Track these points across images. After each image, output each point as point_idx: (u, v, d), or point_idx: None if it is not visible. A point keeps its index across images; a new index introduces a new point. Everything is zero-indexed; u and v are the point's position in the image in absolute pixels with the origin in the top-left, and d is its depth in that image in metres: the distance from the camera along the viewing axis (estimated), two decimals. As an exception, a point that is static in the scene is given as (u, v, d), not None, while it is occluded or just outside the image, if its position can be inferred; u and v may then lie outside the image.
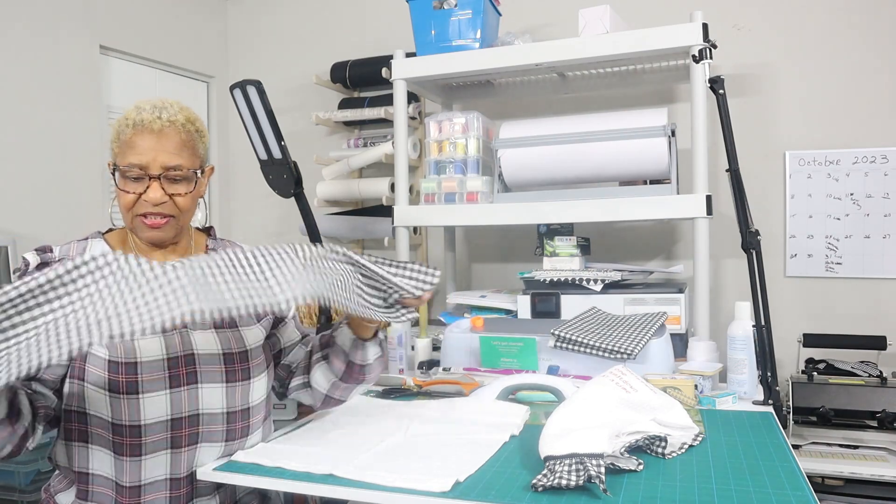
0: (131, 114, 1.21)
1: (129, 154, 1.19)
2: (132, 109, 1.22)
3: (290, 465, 1.13)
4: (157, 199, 1.19)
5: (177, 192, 1.22)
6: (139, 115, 1.20)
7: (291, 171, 2.14)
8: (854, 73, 2.36)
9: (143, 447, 1.15)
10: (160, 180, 1.19)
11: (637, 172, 2.08)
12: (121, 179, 1.19)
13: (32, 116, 2.49)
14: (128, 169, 1.18)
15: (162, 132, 1.19)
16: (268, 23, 3.28)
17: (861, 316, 2.35)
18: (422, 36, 2.25)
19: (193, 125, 1.25)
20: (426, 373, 1.79)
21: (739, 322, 1.63)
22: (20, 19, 2.45)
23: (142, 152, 1.18)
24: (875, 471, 1.88)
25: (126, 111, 1.23)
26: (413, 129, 2.74)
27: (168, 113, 1.21)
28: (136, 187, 1.19)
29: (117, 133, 1.21)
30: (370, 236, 2.85)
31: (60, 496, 1.20)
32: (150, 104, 1.22)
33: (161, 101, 1.24)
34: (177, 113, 1.23)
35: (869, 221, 2.35)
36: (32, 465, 2.00)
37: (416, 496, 1.01)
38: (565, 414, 1.17)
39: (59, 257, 1.20)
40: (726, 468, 1.11)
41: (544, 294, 2.09)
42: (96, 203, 2.71)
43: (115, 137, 1.21)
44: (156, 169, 1.19)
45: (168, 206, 1.21)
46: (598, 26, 2.04)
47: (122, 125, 1.21)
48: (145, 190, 1.19)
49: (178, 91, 3.12)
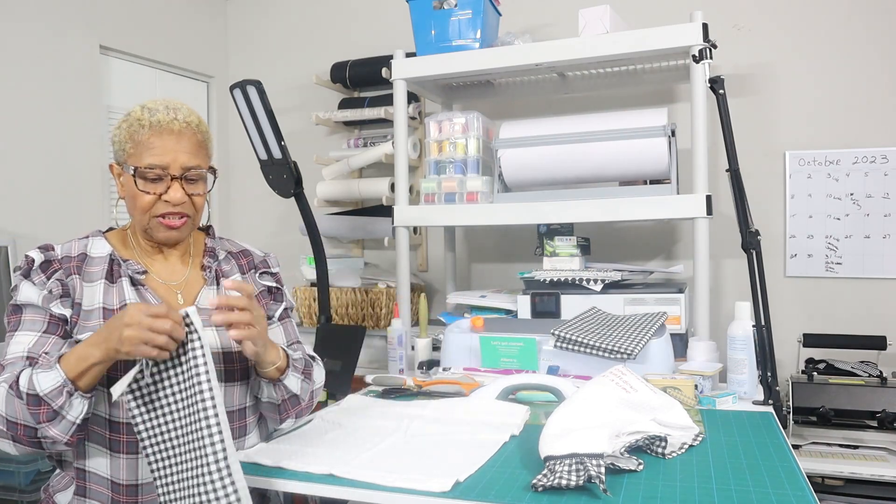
0: (142, 114, 1.20)
1: (148, 155, 1.18)
2: (141, 110, 1.21)
3: (290, 465, 1.14)
4: (179, 199, 1.20)
5: (195, 191, 1.23)
6: (154, 116, 1.19)
7: (291, 171, 2.14)
8: (854, 73, 2.36)
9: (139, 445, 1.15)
10: (180, 180, 1.20)
11: (637, 172, 2.08)
12: (139, 181, 1.19)
13: (32, 116, 2.49)
14: (148, 170, 1.18)
15: (181, 133, 1.20)
16: (268, 23, 3.28)
17: (861, 316, 2.35)
18: (422, 36, 2.25)
19: (204, 126, 1.26)
20: (426, 373, 1.79)
21: (739, 322, 1.63)
22: (20, 19, 2.45)
23: (162, 153, 1.18)
24: (875, 471, 1.88)
25: (132, 112, 1.22)
26: (413, 129, 2.74)
27: (183, 114, 1.22)
28: (156, 188, 1.19)
29: (130, 134, 1.20)
30: (370, 236, 2.85)
31: (59, 496, 1.20)
32: (161, 105, 1.22)
33: (170, 102, 1.23)
34: (190, 114, 1.24)
35: (869, 221, 2.35)
36: (32, 465, 2.00)
37: (415, 496, 1.01)
38: (565, 414, 1.18)
39: (62, 255, 1.21)
40: (726, 468, 1.11)
41: (544, 294, 2.09)
42: (96, 203, 2.71)
43: (128, 138, 1.20)
44: (176, 169, 1.19)
45: (186, 206, 1.22)
46: (598, 26, 2.04)
47: (136, 126, 1.19)
48: (165, 190, 1.19)
49: (178, 91, 3.12)
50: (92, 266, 1.21)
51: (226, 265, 1.35)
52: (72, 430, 1.08)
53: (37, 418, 1.05)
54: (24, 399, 1.05)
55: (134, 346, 1.01)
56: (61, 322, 1.16)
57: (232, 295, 1.14)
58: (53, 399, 1.04)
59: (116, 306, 1.18)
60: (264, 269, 1.40)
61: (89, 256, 1.23)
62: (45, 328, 1.15)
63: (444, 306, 2.63)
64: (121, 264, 1.23)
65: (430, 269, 2.97)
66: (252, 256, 1.41)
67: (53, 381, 1.04)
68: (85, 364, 1.05)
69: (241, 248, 1.41)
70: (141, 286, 1.22)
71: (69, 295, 1.17)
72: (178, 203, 1.20)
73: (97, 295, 1.19)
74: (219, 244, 1.38)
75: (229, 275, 1.34)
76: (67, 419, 1.06)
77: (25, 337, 1.14)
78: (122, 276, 1.22)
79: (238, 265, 1.37)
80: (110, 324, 1.06)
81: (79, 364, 1.05)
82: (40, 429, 1.06)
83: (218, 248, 1.36)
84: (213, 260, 1.33)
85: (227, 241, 1.42)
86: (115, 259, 1.23)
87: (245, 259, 1.39)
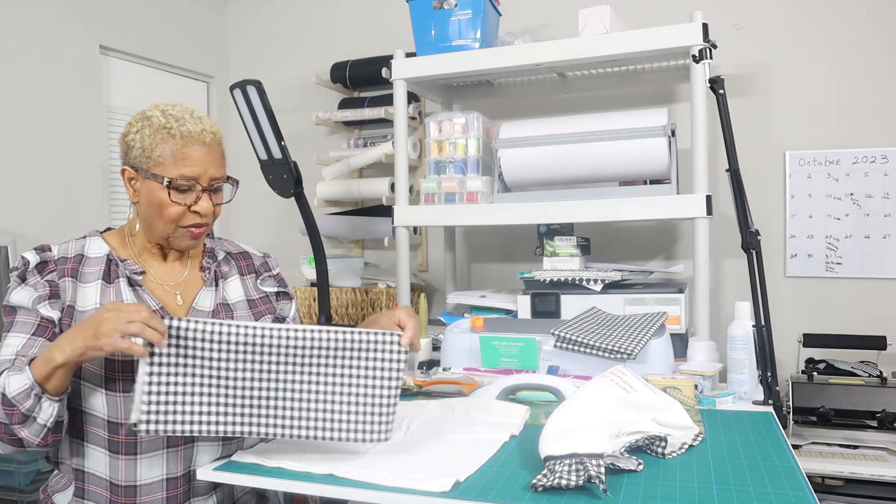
0: (168, 122, 1.18)
1: (182, 166, 1.17)
2: (162, 116, 1.18)
3: (290, 464, 1.13)
4: (208, 209, 1.21)
5: (218, 201, 1.24)
6: (183, 126, 1.18)
7: (291, 171, 2.14)
8: (854, 73, 2.36)
9: (138, 446, 1.15)
10: (210, 192, 1.21)
11: (637, 172, 2.08)
12: (173, 192, 1.18)
13: (32, 116, 2.49)
14: (182, 182, 1.18)
15: (210, 145, 1.21)
16: (268, 23, 3.28)
17: (861, 316, 2.35)
18: (422, 36, 2.25)
19: (222, 134, 1.27)
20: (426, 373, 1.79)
21: (739, 322, 1.63)
22: (20, 19, 2.45)
23: (195, 164, 1.18)
24: (875, 471, 1.88)
25: (152, 117, 1.19)
26: (413, 129, 2.74)
27: (208, 124, 1.22)
28: (186, 199, 1.19)
29: (156, 141, 1.17)
30: (370, 236, 2.85)
31: (58, 496, 1.20)
32: (185, 112, 1.20)
33: (192, 109, 1.22)
34: (213, 124, 1.24)
35: (869, 221, 2.35)
36: (32, 465, 2.00)
37: (415, 496, 1.01)
38: (565, 414, 1.17)
39: (58, 256, 1.21)
40: (726, 468, 1.11)
41: (544, 294, 2.09)
42: (96, 203, 2.71)
43: (153, 145, 1.17)
44: (206, 181, 1.20)
45: (210, 216, 1.23)
46: (598, 26, 2.04)
47: (163, 134, 1.17)
48: (195, 201, 1.19)
49: (178, 91, 3.12)
50: (89, 267, 1.21)
51: (225, 266, 1.35)
52: (43, 432, 1.07)
53: (10, 419, 1.06)
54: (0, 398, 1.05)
55: (111, 338, 1.00)
56: (49, 324, 1.15)
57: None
58: (21, 402, 1.04)
59: (113, 307, 1.18)
60: (266, 273, 1.40)
61: (86, 257, 1.22)
62: (34, 330, 1.15)
63: (444, 306, 2.63)
64: (118, 265, 1.22)
65: (430, 269, 2.97)
66: (252, 259, 1.41)
67: (21, 383, 1.05)
68: (49, 367, 1.04)
69: (240, 250, 1.41)
70: (139, 287, 1.22)
71: (59, 297, 1.17)
72: (206, 214, 1.21)
73: (93, 296, 1.18)
74: (218, 245, 1.38)
75: (228, 276, 1.34)
76: (38, 422, 1.06)
77: (15, 339, 1.14)
78: (120, 277, 1.22)
79: (237, 266, 1.37)
80: (82, 323, 1.06)
81: (44, 366, 1.04)
82: (14, 430, 1.06)
83: (217, 249, 1.36)
84: (213, 261, 1.33)
85: (227, 241, 1.42)
86: (112, 259, 1.23)
87: (245, 261, 1.39)
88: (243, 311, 1.32)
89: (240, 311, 1.31)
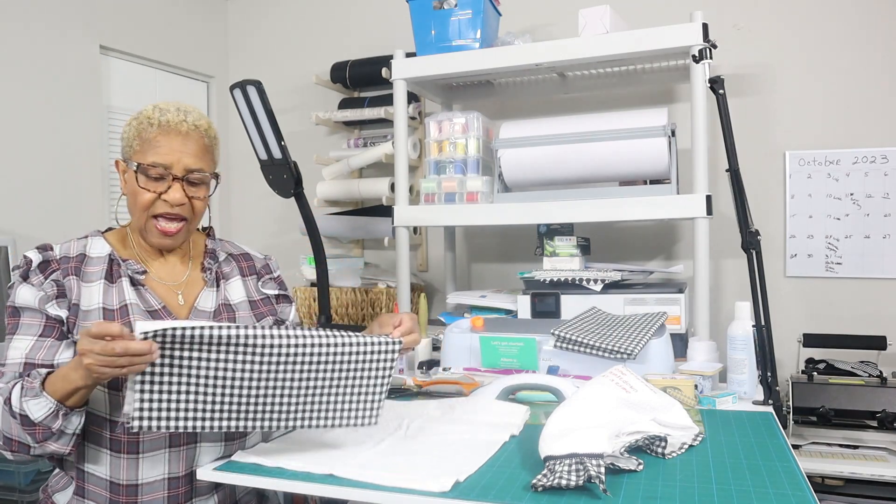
0: (153, 113, 1.20)
1: (152, 153, 1.19)
2: (152, 109, 1.21)
3: (290, 464, 1.13)
4: (177, 199, 1.20)
5: (195, 195, 1.23)
6: (164, 116, 1.20)
7: (291, 171, 2.14)
8: (854, 73, 2.36)
9: (141, 445, 1.15)
10: (182, 182, 1.20)
11: (637, 172, 2.08)
12: (141, 178, 1.19)
13: (33, 116, 2.49)
14: (150, 167, 1.18)
15: (188, 135, 1.21)
16: (268, 23, 3.28)
17: (861, 316, 2.35)
18: (422, 36, 2.25)
19: (213, 131, 1.27)
20: (426, 373, 1.79)
21: (739, 322, 1.63)
22: (20, 19, 2.45)
23: (167, 152, 1.19)
24: (875, 471, 1.88)
25: (144, 111, 1.22)
26: (413, 129, 2.74)
27: (193, 117, 1.22)
28: (157, 186, 1.19)
29: (138, 131, 1.20)
30: (370, 236, 2.85)
31: (58, 496, 1.20)
32: (172, 106, 1.22)
33: (182, 105, 1.24)
34: (200, 118, 1.24)
35: (869, 221, 2.35)
36: (32, 465, 2.00)
37: (415, 496, 1.01)
38: (565, 414, 1.17)
39: (60, 255, 1.21)
40: (726, 468, 1.11)
41: (544, 294, 2.09)
42: (96, 203, 2.71)
43: (136, 135, 1.21)
44: (179, 170, 1.20)
45: (185, 209, 1.22)
46: (598, 26, 2.04)
47: (145, 124, 1.20)
48: (166, 190, 1.19)
49: (178, 91, 3.12)
50: (91, 266, 1.21)
51: (226, 267, 1.35)
52: (73, 440, 1.09)
53: (34, 438, 1.06)
54: (17, 419, 1.05)
55: (100, 373, 0.98)
56: (57, 324, 1.16)
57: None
58: (50, 424, 1.05)
59: (116, 306, 1.18)
60: (267, 275, 1.40)
61: (88, 256, 1.22)
62: (42, 331, 1.15)
63: (444, 306, 2.63)
64: (120, 264, 1.22)
65: (430, 269, 2.97)
66: (253, 261, 1.41)
67: (45, 408, 1.04)
68: (70, 386, 1.04)
69: (241, 251, 1.41)
70: (141, 286, 1.22)
71: (65, 296, 1.17)
72: (176, 203, 1.20)
73: (97, 295, 1.18)
74: (219, 245, 1.38)
75: (229, 276, 1.34)
76: (66, 433, 1.08)
77: (22, 341, 1.14)
78: (122, 276, 1.22)
79: (238, 268, 1.37)
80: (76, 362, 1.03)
81: (64, 386, 1.04)
82: (38, 447, 1.07)
83: (218, 250, 1.36)
84: (214, 261, 1.33)
85: (228, 242, 1.42)
86: (114, 259, 1.23)
87: (246, 263, 1.39)
88: (245, 312, 1.32)
89: (242, 312, 1.31)
